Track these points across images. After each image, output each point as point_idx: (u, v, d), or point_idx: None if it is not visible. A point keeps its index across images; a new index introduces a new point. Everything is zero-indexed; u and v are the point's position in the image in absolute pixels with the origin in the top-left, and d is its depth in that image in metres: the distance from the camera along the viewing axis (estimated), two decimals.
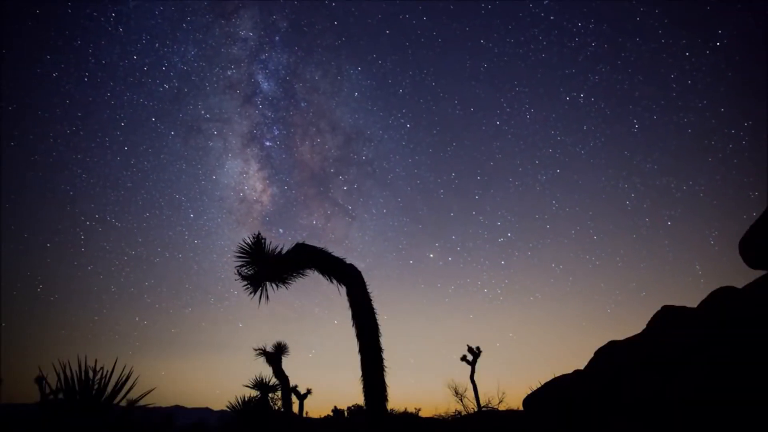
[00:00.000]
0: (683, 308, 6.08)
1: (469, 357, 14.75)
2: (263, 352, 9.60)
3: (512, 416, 10.09)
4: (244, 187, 43.24)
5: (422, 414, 15.90)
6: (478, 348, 14.86)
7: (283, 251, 5.49)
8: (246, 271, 5.55)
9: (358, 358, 4.93)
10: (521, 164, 41.59)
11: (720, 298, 5.31)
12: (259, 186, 43.82)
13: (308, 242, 5.40)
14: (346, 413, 18.02)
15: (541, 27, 37.15)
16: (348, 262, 5.37)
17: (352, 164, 48.05)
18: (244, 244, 5.56)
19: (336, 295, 5.24)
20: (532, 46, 38.09)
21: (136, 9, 38.82)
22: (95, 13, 38.47)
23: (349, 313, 5.11)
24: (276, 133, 45.21)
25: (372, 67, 44.79)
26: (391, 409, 12.19)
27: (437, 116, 46.01)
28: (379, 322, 5.09)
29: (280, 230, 46.16)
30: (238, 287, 5.47)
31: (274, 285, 5.57)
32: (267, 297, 5.56)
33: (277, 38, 42.81)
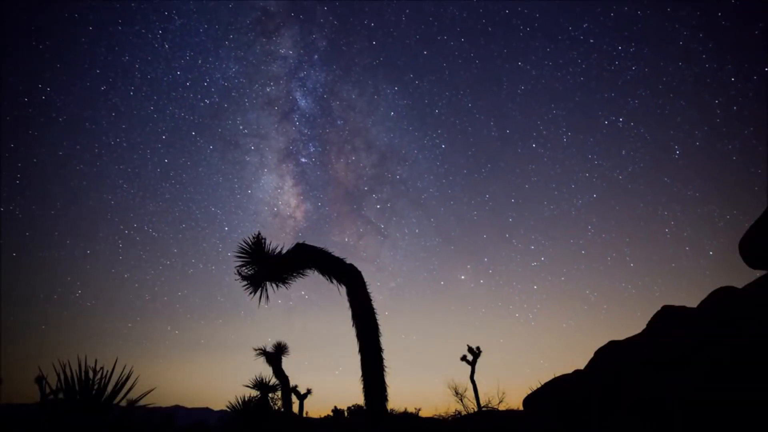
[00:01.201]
0: (683, 308, 6.08)
1: (469, 357, 14.76)
2: (263, 352, 9.61)
3: (512, 416, 10.09)
4: (279, 203, 42.78)
5: (422, 414, 15.91)
6: (478, 348, 14.87)
7: (283, 251, 5.49)
8: (246, 271, 5.55)
9: (358, 358, 4.93)
10: (557, 188, 40.03)
11: (720, 298, 5.31)
12: (293, 202, 43.68)
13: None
14: (346, 413, 18.03)
15: (580, 50, 36.51)
16: (348, 262, 5.37)
17: (386, 183, 47.86)
18: (244, 244, 5.56)
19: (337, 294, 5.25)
20: (571, 69, 37.13)
21: (181, 27, 40.14)
22: (143, 30, 40.27)
23: (349, 313, 5.11)
24: (312, 149, 45.20)
25: (409, 87, 44.88)
26: (391, 409, 12.19)
27: (472, 137, 44.15)
28: (378, 322, 5.09)
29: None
30: (274, 303, 5.52)
31: (274, 285, 5.57)
32: (267, 297, 5.56)
33: (315, 57, 43.35)
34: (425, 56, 44.40)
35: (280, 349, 9.72)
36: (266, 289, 5.57)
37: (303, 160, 43.49)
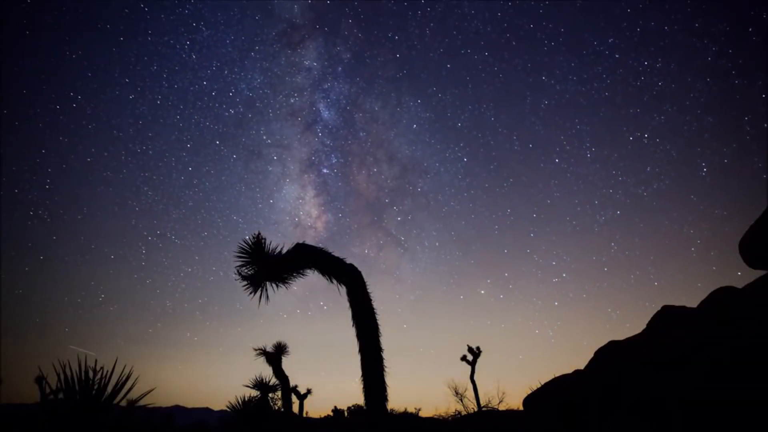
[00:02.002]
0: (683, 308, 6.08)
1: (469, 357, 14.76)
2: (263, 352, 9.60)
3: (512, 416, 10.09)
4: (300, 213, 43.71)
5: (422, 414, 15.91)
6: (478, 348, 14.87)
7: (283, 251, 5.49)
8: (246, 271, 5.54)
9: (358, 358, 4.93)
10: (579, 204, 40.10)
11: (720, 298, 5.31)
12: (314, 212, 44.40)
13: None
14: (346, 413, 18.02)
15: (606, 65, 36.01)
16: (348, 262, 5.37)
17: (407, 195, 48.48)
18: (244, 244, 5.56)
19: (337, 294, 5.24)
20: (595, 84, 36.82)
21: (209, 38, 41.67)
22: (172, 41, 41.71)
23: (349, 313, 5.11)
24: (334, 161, 46.16)
25: (432, 99, 45.26)
26: (391, 409, 12.19)
27: (495, 151, 44.41)
28: (379, 322, 5.08)
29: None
30: (289, 313, 5.50)
31: (274, 285, 5.56)
32: (267, 297, 5.55)
33: (339, 69, 44.68)
34: (449, 69, 44.34)
35: (280, 349, 9.72)
36: (266, 289, 5.56)
37: (325, 170, 44.25)
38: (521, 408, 8.22)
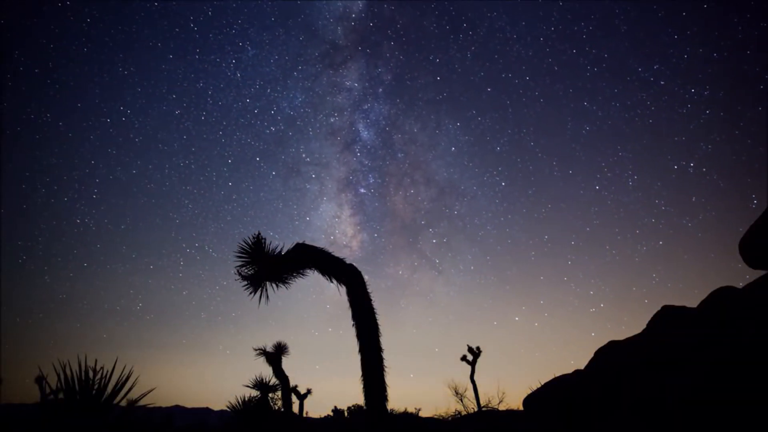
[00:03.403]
0: (683, 308, 6.08)
1: (469, 357, 14.76)
2: (263, 352, 9.61)
3: (512, 416, 10.09)
4: (336, 231, 43.82)
5: (422, 414, 15.91)
6: (478, 348, 14.87)
7: (283, 251, 5.49)
8: (246, 271, 5.55)
9: (358, 358, 4.93)
10: (620, 232, 39.28)
11: (720, 298, 5.31)
12: (350, 231, 44.38)
13: (393, 293, 5.39)
14: (346, 413, 18.02)
15: (650, 92, 35.09)
16: (348, 262, 5.37)
17: (443, 218, 47.45)
18: (244, 244, 5.56)
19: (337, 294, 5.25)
20: (639, 111, 35.95)
21: (254, 57, 42.94)
22: (218, 59, 43.43)
23: (350, 313, 5.11)
24: (371, 181, 46.43)
25: (471, 123, 44.82)
26: (391, 409, 12.19)
27: (533, 176, 43.37)
28: (378, 322, 5.09)
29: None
30: (320, 330, 5.52)
31: (274, 285, 5.57)
32: (267, 297, 5.56)
33: (380, 90, 45.25)
34: (489, 93, 44.04)
35: (280, 349, 9.72)
36: (266, 289, 5.57)
37: (362, 190, 44.40)
38: (521, 408, 8.22)
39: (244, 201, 45.59)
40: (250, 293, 5.52)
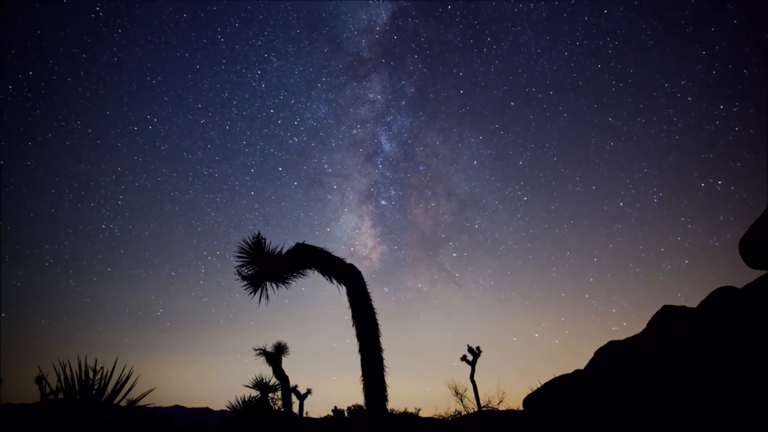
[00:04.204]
0: (683, 308, 6.08)
1: (469, 357, 14.76)
2: (263, 352, 9.61)
3: (512, 416, 10.10)
4: (356, 242, 43.51)
5: (422, 414, 15.91)
6: (478, 348, 14.87)
7: (283, 251, 5.49)
8: (246, 271, 5.55)
9: (358, 358, 4.93)
10: (644, 250, 37.72)
11: (720, 298, 5.31)
12: (370, 243, 44.14)
13: (413, 306, 5.38)
14: (346, 413, 18.02)
15: (677, 107, 33.93)
16: (348, 262, 5.37)
17: (464, 231, 47.47)
18: (243, 244, 5.56)
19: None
20: (665, 127, 34.87)
21: (279, 68, 43.51)
22: (244, 70, 43.94)
23: (350, 313, 5.11)
24: (392, 193, 46.46)
25: (493, 137, 44.57)
26: (391, 409, 12.19)
27: (556, 192, 41.97)
28: (378, 322, 5.09)
29: (385, 289, 46.01)
30: (338, 340, 5.52)
31: (274, 285, 5.57)
32: (267, 297, 5.56)
33: (403, 102, 45.04)
34: (512, 107, 43.05)
35: (280, 349, 9.72)
36: (266, 289, 5.57)
37: (383, 202, 44.07)
38: (521, 408, 8.22)
39: (266, 210, 45.97)
40: (250, 293, 5.52)
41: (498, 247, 44.35)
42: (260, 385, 9.82)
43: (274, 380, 9.72)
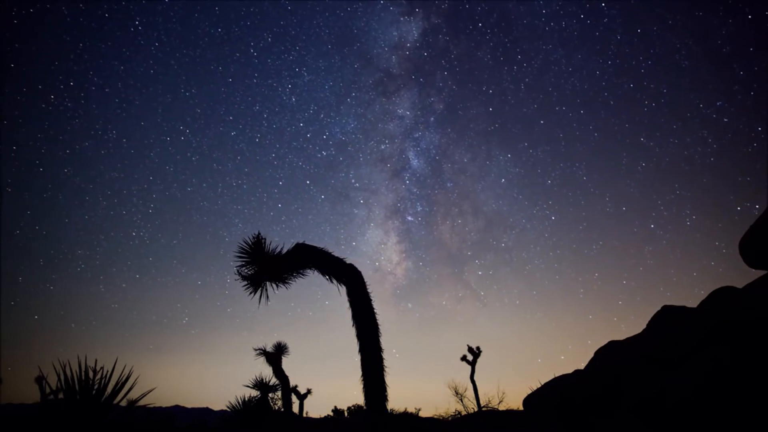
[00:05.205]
0: (683, 308, 6.08)
1: (469, 357, 14.77)
2: (263, 352, 9.61)
3: (512, 416, 10.11)
4: (381, 258, 43.73)
5: (422, 414, 15.91)
6: (478, 348, 14.88)
7: (283, 251, 5.50)
8: (246, 271, 5.55)
9: (358, 358, 4.94)
10: (676, 274, 36.22)
11: (720, 298, 5.30)
12: (395, 258, 44.26)
13: (435, 323, 5.39)
14: (346, 413, 18.03)
15: (712, 129, 32.74)
16: (348, 262, 5.37)
17: (490, 250, 46.39)
18: (244, 244, 5.57)
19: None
20: (699, 149, 33.75)
21: (309, 82, 43.97)
22: (275, 84, 44.59)
23: (350, 313, 5.12)
24: (419, 209, 45.57)
25: (522, 155, 43.69)
26: (391, 409, 12.20)
27: (585, 212, 41.02)
28: (378, 322, 5.09)
29: (409, 305, 46.23)
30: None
31: (274, 285, 5.57)
32: (267, 297, 5.56)
33: (432, 119, 44.81)
34: (541, 125, 42.45)
35: (280, 349, 9.73)
36: (266, 289, 5.57)
37: (409, 218, 43.79)
38: (521, 408, 8.22)
39: (293, 223, 46.55)
40: (250, 293, 5.52)
41: (524, 266, 43.35)
42: (260, 385, 9.82)
43: (274, 380, 9.72)
